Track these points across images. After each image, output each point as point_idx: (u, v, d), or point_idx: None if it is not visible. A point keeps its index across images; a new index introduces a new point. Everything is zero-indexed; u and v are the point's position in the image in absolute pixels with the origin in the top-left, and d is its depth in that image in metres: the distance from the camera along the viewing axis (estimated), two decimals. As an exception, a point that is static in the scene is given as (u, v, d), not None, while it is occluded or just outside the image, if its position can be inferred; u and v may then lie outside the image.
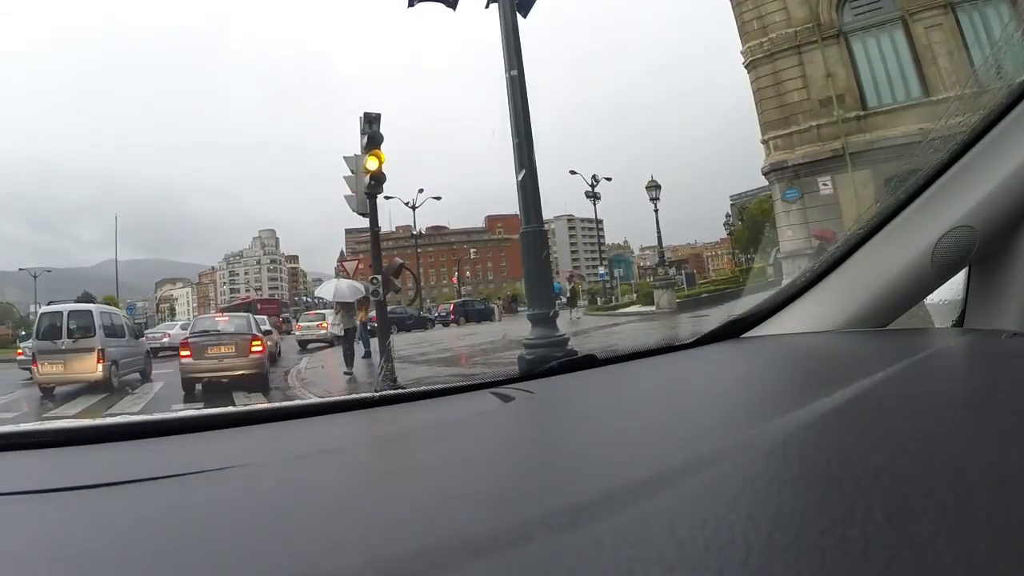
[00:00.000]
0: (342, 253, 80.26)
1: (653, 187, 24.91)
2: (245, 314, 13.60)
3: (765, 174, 21.39)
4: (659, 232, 26.25)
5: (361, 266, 15.56)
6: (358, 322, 11.61)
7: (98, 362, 10.92)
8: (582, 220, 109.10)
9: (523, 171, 6.59)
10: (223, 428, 1.10)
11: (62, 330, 11.16)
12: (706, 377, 1.17)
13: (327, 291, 12.74)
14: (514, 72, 6.87)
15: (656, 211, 25.18)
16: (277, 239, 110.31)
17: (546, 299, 6.56)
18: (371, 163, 8.18)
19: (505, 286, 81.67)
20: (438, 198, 35.20)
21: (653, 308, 21.46)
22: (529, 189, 6.59)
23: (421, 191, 26.90)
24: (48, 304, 13.66)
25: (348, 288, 11.69)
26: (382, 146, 8.34)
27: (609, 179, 37.50)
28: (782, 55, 19.76)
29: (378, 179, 8.36)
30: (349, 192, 8.77)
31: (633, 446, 0.70)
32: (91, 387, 10.98)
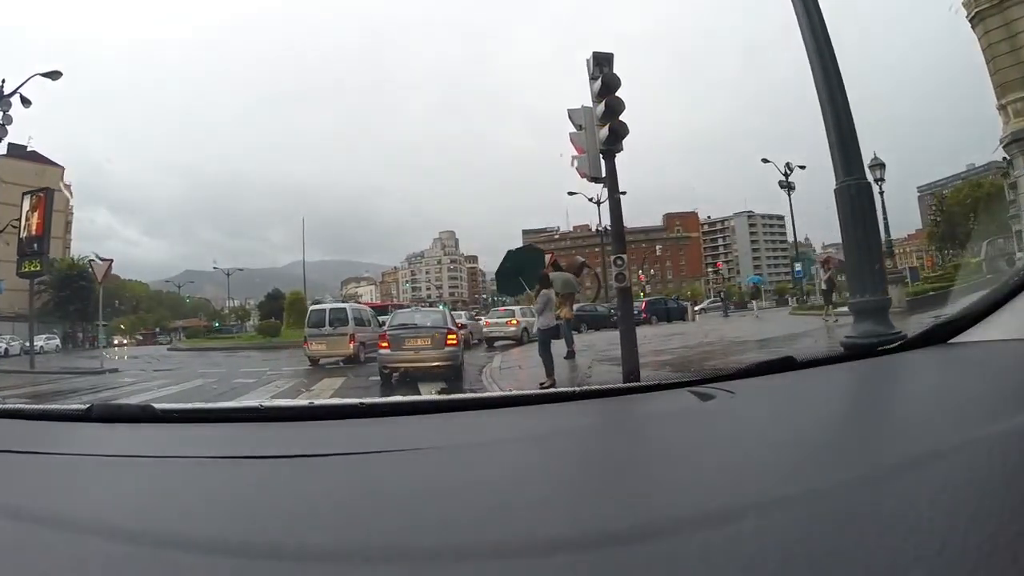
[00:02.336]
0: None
1: (877, 166, 21.00)
2: (441, 309, 15.68)
3: (1005, 146, 18.59)
4: (886, 219, 22.27)
5: (552, 260, 14.59)
6: (555, 320, 10.36)
7: (350, 343, 14.63)
8: (762, 216, 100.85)
9: (834, 107, 4.80)
10: (429, 413, 1.23)
11: (325, 320, 15.06)
12: (910, 384, 1.14)
13: None
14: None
15: (882, 193, 21.36)
16: (456, 240, 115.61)
17: (875, 281, 4.65)
18: (608, 114, 6.53)
19: (685, 285, 78.19)
20: (623, 193, 33.39)
21: (881, 307, 18.05)
22: (845, 129, 4.77)
23: (605, 187, 25.18)
24: (314, 303, 20.52)
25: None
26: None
27: (803, 167, 33.54)
28: (1014, 2, 17.16)
29: (617, 133, 6.58)
30: (575, 152, 7.07)
31: (837, 448, 0.75)
32: (345, 360, 14.40)
